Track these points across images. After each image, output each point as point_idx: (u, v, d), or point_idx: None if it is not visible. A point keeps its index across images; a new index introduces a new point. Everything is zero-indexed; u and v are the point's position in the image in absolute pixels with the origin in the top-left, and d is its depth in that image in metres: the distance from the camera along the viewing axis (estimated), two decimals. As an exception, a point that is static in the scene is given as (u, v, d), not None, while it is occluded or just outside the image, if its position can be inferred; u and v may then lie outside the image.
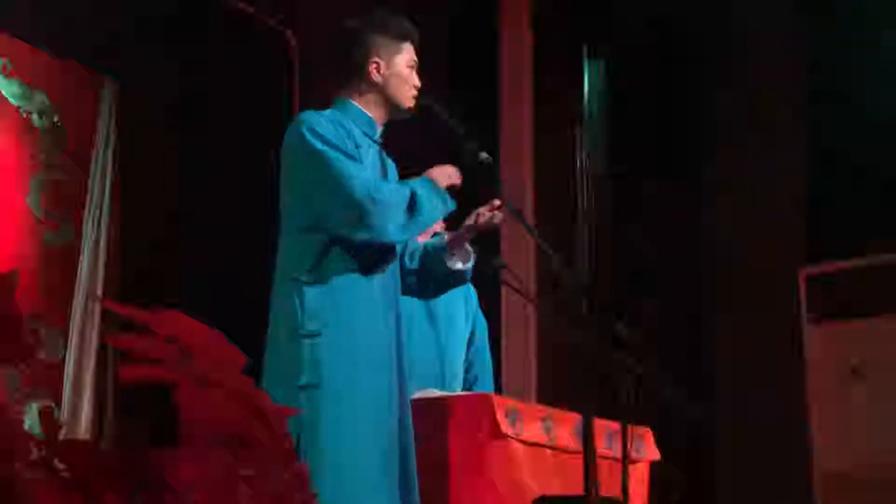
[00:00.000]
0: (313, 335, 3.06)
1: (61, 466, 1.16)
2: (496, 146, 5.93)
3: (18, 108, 5.53)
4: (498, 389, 4.57)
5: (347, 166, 3.11)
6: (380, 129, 3.34)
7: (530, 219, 5.72)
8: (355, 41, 3.31)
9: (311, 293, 3.10)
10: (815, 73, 5.74)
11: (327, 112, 3.26)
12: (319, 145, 3.14)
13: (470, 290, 4.03)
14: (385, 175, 3.33)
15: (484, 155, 3.25)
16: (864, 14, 5.65)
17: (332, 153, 3.12)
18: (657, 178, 5.98)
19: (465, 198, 3.59)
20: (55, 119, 5.68)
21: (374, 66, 3.28)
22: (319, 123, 3.18)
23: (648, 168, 6.01)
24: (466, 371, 4.03)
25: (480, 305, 4.13)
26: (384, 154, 3.39)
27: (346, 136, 3.18)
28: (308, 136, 3.15)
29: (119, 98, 5.91)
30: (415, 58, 3.34)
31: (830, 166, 5.60)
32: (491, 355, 4.18)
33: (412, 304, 3.70)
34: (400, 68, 3.29)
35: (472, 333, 4.05)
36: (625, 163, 6.09)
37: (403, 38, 3.32)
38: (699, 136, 6.02)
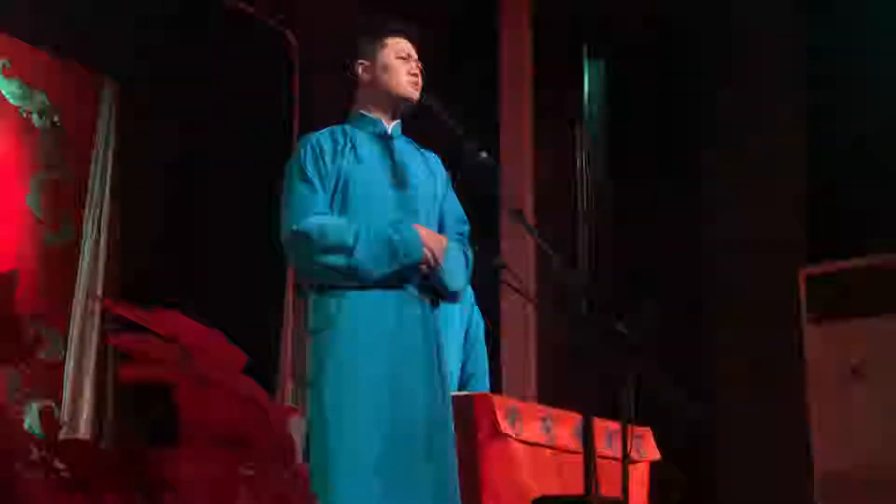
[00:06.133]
0: (315, 333, 3.22)
1: (61, 466, 1.16)
2: (496, 146, 5.93)
3: (18, 108, 5.53)
4: (496, 389, 4.56)
5: (297, 189, 3.26)
6: (390, 125, 3.40)
7: (530, 219, 5.71)
8: (347, 53, 3.45)
9: (315, 296, 3.26)
10: (815, 73, 5.74)
11: (328, 128, 3.39)
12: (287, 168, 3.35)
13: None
14: (393, 167, 3.35)
15: (484, 155, 3.25)
16: (864, 14, 5.64)
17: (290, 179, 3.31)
18: (657, 178, 5.98)
19: (466, 198, 3.60)
20: (55, 119, 5.68)
21: (361, 66, 3.40)
22: (301, 146, 3.34)
23: (648, 168, 6.00)
24: (462, 368, 4.01)
25: (477, 302, 4.13)
26: (399, 147, 3.41)
27: (318, 153, 3.29)
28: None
29: (119, 98, 5.91)
30: (406, 49, 3.38)
31: (830, 166, 5.59)
32: (490, 355, 4.17)
33: None
34: (386, 60, 3.37)
35: (468, 330, 4.04)
36: (625, 163, 6.08)
37: (385, 33, 3.40)
38: (699, 137, 6.01)
